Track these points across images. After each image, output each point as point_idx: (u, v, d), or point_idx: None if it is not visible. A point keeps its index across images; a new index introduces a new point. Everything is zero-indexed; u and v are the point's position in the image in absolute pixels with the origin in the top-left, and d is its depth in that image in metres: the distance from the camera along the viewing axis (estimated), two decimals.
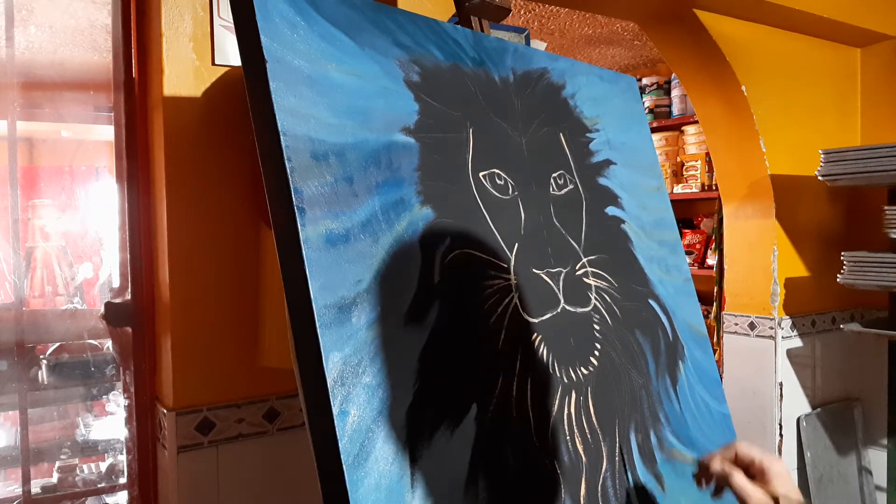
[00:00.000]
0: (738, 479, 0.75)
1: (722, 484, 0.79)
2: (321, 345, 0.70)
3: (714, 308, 2.82)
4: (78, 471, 1.63)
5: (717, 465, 0.78)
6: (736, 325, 2.04)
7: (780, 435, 1.92)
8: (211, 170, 1.13)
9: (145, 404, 1.20)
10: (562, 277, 1.00)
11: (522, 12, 2.65)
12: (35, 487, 1.35)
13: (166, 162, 1.10)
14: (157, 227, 1.16)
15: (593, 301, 1.05)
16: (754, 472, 0.76)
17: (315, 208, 0.75)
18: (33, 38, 2.41)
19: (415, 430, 0.75)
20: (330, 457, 0.69)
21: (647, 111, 3.39)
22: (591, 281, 1.06)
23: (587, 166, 1.16)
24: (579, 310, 1.01)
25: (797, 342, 2.00)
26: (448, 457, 0.77)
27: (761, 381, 1.96)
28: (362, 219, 0.79)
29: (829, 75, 2.16)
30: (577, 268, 1.04)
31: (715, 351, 2.47)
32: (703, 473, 0.82)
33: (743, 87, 1.88)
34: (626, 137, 1.27)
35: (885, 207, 1.79)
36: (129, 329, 1.20)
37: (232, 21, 0.84)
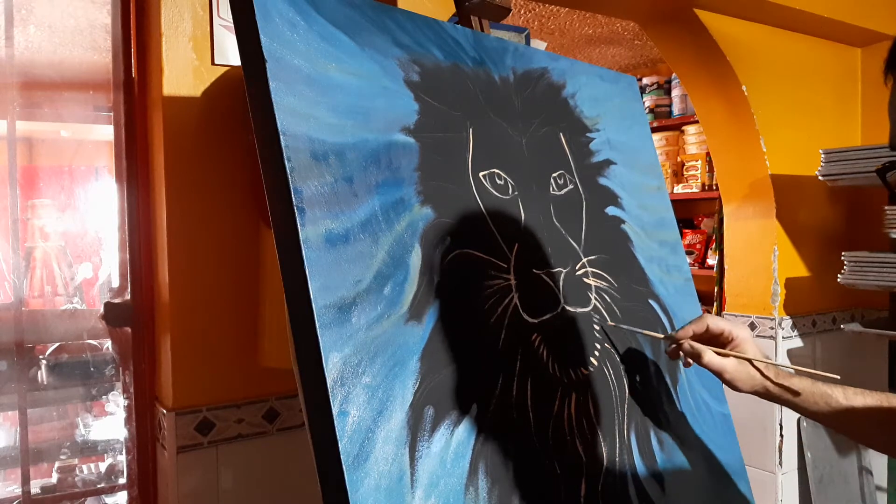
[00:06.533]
0: (709, 355, 0.82)
1: (695, 361, 0.87)
2: (321, 345, 0.70)
3: (714, 308, 2.82)
4: (77, 471, 1.62)
5: (687, 346, 0.87)
6: None
7: (781, 435, 1.92)
8: (210, 170, 1.13)
9: (145, 404, 1.20)
10: (562, 277, 1.00)
11: (522, 12, 2.65)
12: (34, 488, 1.34)
13: (166, 162, 1.10)
14: (156, 227, 1.15)
15: (593, 301, 1.04)
16: (724, 340, 0.86)
17: (315, 208, 0.75)
18: (33, 38, 2.40)
19: (415, 430, 0.75)
20: (330, 457, 0.69)
21: (647, 111, 3.39)
22: (590, 281, 1.06)
23: (587, 166, 1.15)
24: (579, 310, 1.01)
25: (798, 342, 1.99)
26: (448, 457, 0.77)
27: None
28: (362, 219, 0.79)
29: (830, 75, 2.15)
30: (576, 268, 1.04)
31: None
32: (674, 352, 0.91)
33: (743, 87, 1.88)
34: (627, 137, 1.27)
35: (886, 207, 1.79)
36: (128, 329, 1.20)
37: (231, 21, 0.84)
